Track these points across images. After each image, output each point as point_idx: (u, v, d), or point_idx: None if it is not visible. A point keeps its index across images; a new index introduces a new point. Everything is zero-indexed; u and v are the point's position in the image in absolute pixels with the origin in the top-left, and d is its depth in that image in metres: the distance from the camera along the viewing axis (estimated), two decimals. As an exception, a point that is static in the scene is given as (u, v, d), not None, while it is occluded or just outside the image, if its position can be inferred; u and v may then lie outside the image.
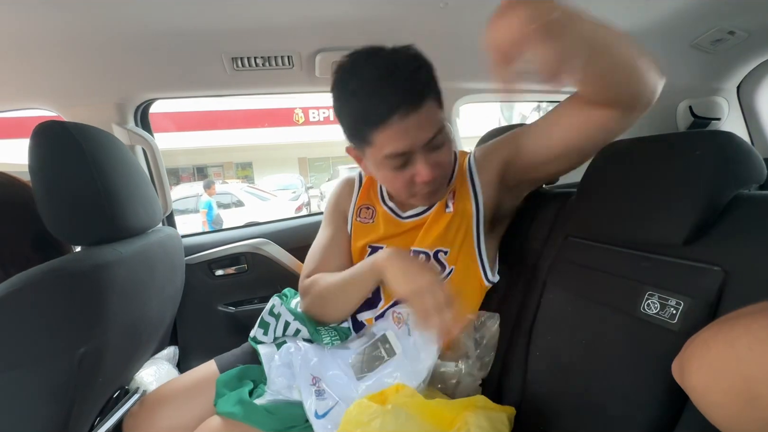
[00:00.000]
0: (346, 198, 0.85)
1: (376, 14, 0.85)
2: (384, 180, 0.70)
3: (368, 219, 0.82)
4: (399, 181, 0.66)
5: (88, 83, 0.98)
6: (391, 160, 0.63)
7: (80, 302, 0.61)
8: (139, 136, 1.11)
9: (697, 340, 0.33)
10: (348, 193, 0.85)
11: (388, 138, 0.61)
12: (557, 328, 0.61)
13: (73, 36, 0.80)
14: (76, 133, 0.65)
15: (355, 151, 0.71)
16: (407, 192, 0.68)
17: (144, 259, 0.77)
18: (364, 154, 0.68)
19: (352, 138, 0.67)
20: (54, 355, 0.59)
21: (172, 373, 0.90)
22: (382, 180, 0.72)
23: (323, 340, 0.74)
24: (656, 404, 0.45)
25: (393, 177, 0.66)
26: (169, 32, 0.83)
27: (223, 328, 1.22)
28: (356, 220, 0.82)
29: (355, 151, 0.71)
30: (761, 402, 0.27)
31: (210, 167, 12.42)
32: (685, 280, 0.46)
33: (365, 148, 0.65)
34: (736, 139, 0.48)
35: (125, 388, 0.79)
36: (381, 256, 0.68)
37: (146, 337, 0.86)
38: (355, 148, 0.69)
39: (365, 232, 0.81)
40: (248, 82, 1.06)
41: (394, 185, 0.69)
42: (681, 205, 0.47)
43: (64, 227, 0.65)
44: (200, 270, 1.21)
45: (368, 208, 0.83)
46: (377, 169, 0.68)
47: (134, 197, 0.75)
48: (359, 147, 0.67)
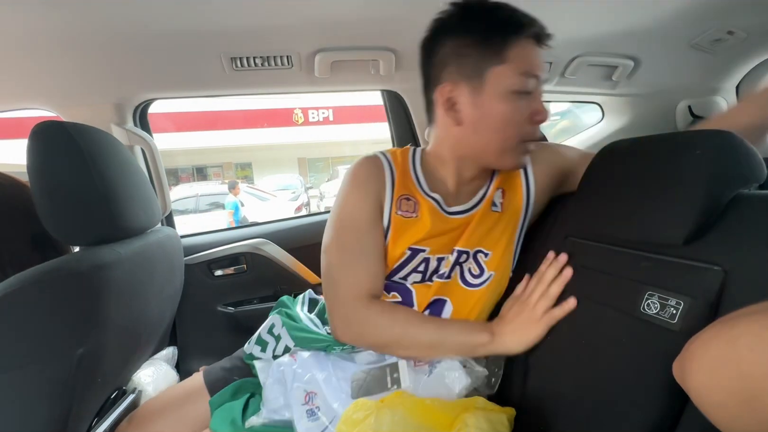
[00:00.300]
0: (377, 184, 0.68)
1: (376, 14, 0.85)
2: (498, 119, 0.60)
3: (410, 212, 0.68)
4: (517, 119, 0.59)
5: (86, 83, 0.98)
6: (520, 85, 0.58)
7: (79, 303, 0.61)
8: (138, 136, 1.10)
9: (697, 340, 0.33)
10: (378, 177, 0.68)
11: (525, 53, 0.58)
12: (557, 328, 0.60)
13: (71, 36, 0.80)
14: (74, 133, 0.65)
15: (456, 89, 0.61)
16: (516, 138, 0.61)
17: (143, 260, 0.77)
18: (481, 86, 0.59)
19: (479, 57, 0.58)
20: (52, 356, 0.59)
21: (170, 374, 0.90)
22: (496, 120, 0.60)
23: (332, 351, 0.70)
24: (657, 404, 0.45)
25: (513, 111, 0.59)
26: (167, 32, 0.83)
27: (222, 328, 1.22)
28: (396, 213, 0.68)
29: (456, 90, 0.61)
30: (762, 402, 0.27)
31: (209, 167, 12.41)
32: (686, 279, 0.46)
33: (489, 71, 0.58)
34: (736, 138, 0.48)
35: (123, 388, 0.79)
36: (495, 331, 0.63)
37: (145, 338, 0.86)
38: (467, 79, 0.60)
39: (406, 229, 0.67)
40: (247, 82, 1.06)
41: (509, 126, 0.60)
42: (681, 205, 0.47)
43: (62, 227, 0.65)
44: (199, 270, 1.21)
45: (409, 199, 0.69)
46: (495, 102, 0.59)
47: (133, 197, 0.75)
48: (476, 75, 0.59)
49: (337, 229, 0.67)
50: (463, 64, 0.60)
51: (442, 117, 0.65)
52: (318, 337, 0.70)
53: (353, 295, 0.64)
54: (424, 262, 0.68)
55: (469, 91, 0.60)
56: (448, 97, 0.62)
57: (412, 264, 0.68)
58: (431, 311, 0.68)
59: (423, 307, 0.68)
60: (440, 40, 0.62)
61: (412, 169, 0.71)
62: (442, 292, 0.68)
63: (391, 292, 0.69)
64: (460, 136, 0.64)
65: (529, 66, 0.58)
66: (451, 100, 0.62)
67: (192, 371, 0.93)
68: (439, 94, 0.63)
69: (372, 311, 0.63)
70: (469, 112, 0.61)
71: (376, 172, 0.69)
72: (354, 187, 0.68)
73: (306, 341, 0.70)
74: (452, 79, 0.61)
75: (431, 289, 0.68)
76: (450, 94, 0.62)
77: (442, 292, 0.68)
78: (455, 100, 0.62)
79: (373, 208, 0.67)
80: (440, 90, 0.62)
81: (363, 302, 0.64)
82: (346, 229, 0.67)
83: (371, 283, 0.66)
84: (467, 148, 0.65)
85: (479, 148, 0.64)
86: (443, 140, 0.68)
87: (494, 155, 0.64)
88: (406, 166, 0.71)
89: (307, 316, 0.78)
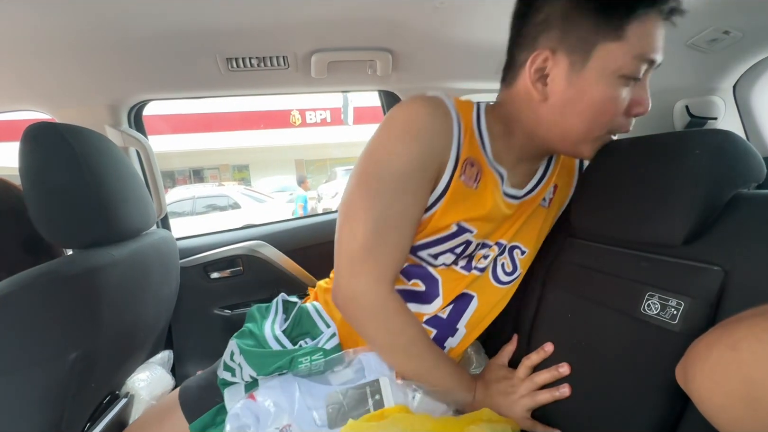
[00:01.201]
0: (443, 138, 0.55)
1: (371, 14, 0.85)
2: (593, 104, 0.52)
3: (472, 182, 0.57)
4: (614, 108, 0.52)
5: (80, 85, 0.97)
6: (631, 69, 0.50)
7: (72, 306, 0.60)
8: (132, 137, 1.10)
9: (699, 343, 0.32)
10: (446, 129, 0.55)
11: (647, 32, 0.49)
12: (557, 329, 0.60)
13: (65, 36, 0.79)
14: (67, 135, 0.64)
15: (552, 60, 0.52)
16: (605, 128, 0.54)
17: (138, 262, 0.77)
18: (584, 62, 0.50)
19: (591, 28, 0.49)
20: (45, 360, 0.58)
21: (165, 378, 0.89)
22: (590, 104, 0.52)
23: (299, 366, 0.58)
24: (658, 406, 0.45)
25: (613, 99, 0.51)
26: (162, 33, 0.82)
27: (218, 331, 1.21)
28: (460, 178, 0.56)
29: (553, 61, 0.52)
30: (764, 405, 0.27)
31: (206, 169, 12.38)
32: (686, 280, 0.46)
33: (599, 47, 0.49)
34: (735, 137, 0.48)
35: (116, 392, 0.78)
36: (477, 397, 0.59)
37: (140, 342, 0.85)
38: (570, 51, 0.51)
39: (464, 199, 0.56)
40: (243, 82, 1.06)
41: (602, 114, 0.52)
42: (680, 205, 0.47)
43: (55, 230, 0.64)
44: (195, 273, 1.20)
45: (473, 165, 0.57)
46: (595, 84, 0.51)
47: (127, 199, 0.74)
48: (581, 48, 0.50)
49: (373, 187, 0.54)
50: (569, 31, 0.50)
51: (526, 86, 0.55)
52: (281, 353, 0.60)
53: (376, 276, 0.53)
54: (465, 245, 0.60)
55: (568, 66, 0.51)
56: (541, 67, 0.53)
57: (452, 242, 0.58)
58: (455, 306, 0.62)
59: (447, 301, 0.61)
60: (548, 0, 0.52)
61: (477, 129, 0.58)
62: (472, 286, 0.63)
63: (412, 279, 0.61)
64: (541, 113, 0.55)
65: (647, 48, 0.50)
66: (543, 70, 0.53)
67: (188, 375, 0.92)
68: (530, 61, 0.53)
69: (389, 308, 0.55)
70: (561, 89, 0.52)
71: (444, 121, 0.55)
72: (410, 137, 0.53)
73: (268, 365, 0.58)
74: (551, 47, 0.52)
75: (463, 281, 0.62)
76: (544, 63, 0.52)
77: (472, 286, 0.63)
78: (548, 72, 0.53)
79: (431, 168, 0.54)
80: (534, 56, 0.52)
81: (385, 290, 0.54)
82: (387, 188, 0.53)
83: (397, 264, 0.56)
84: (544, 127, 0.56)
85: (558, 132, 0.55)
86: (519, 109, 0.58)
87: (572, 143, 0.56)
88: (470, 122, 0.58)
89: (274, 336, 0.64)
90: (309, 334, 0.65)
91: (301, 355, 0.58)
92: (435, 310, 0.62)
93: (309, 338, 0.65)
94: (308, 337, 0.65)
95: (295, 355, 0.58)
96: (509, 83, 0.59)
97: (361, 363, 0.58)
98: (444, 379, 0.57)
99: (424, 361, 0.56)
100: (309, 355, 0.58)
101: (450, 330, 0.63)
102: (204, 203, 7.52)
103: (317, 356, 0.59)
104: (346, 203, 0.56)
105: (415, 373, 0.57)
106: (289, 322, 0.67)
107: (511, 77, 0.58)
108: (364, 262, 0.53)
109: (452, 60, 1.06)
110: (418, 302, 0.62)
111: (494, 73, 1.08)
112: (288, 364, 0.58)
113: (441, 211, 0.56)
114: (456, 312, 0.63)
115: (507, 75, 0.60)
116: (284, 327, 0.65)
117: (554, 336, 0.60)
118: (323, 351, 0.60)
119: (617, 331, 0.51)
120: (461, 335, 0.64)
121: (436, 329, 0.63)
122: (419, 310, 0.62)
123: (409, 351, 0.56)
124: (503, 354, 0.65)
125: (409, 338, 0.56)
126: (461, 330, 0.64)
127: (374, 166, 0.55)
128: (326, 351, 0.60)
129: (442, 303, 0.61)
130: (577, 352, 0.56)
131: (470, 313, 0.63)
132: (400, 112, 0.55)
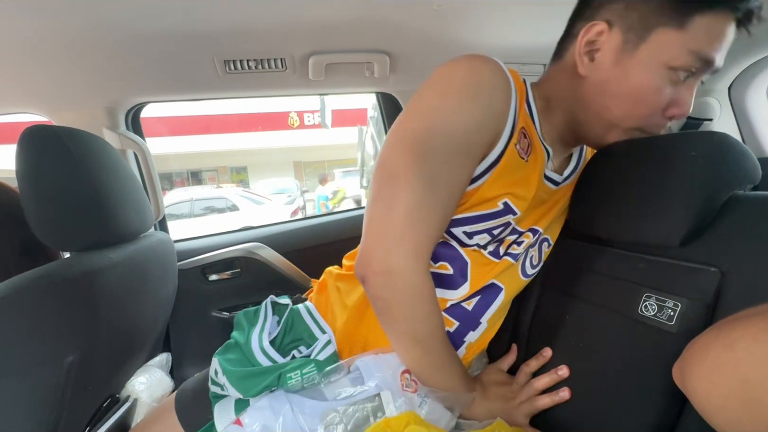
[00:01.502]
0: (502, 101, 0.50)
1: (369, 16, 0.85)
2: (635, 90, 0.50)
3: (524, 153, 0.53)
4: (654, 100, 0.50)
5: (77, 87, 0.97)
6: (683, 63, 0.48)
7: (69, 310, 0.60)
8: (130, 140, 1.09)
9: (697, 344, 0.33)
10: (505, 90, 0.51)
11: (714, 29, 0.47)
12: (555, 330, 0.60)
13: (61, 38, 0.79)
14: (64, 137, 0.64)
15: (606, 35, 0.50)
16: (640, 121, 0.52)
17: (135, 265, 0.76)
18: (638, 45, 0.49)
19: (655, 10, 0.48)
20: (41, 364, 0.58)
21: (164, 380, 0.88)
22: (631, 89, 0.50)
23: (289, 382, 0.52)
24: (655, 406, 0.45)
25: (656, 91, 0.49)
26: (159, 35, 0.82)
27: (216, 333, 1.20)
28: (515, 146, 0.52)
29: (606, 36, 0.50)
30: (761, 405, 0.27)
31: (205, 171, 12.36)
32: (683, 281, 0.46)
33: (657, 31, 0.48)
34: (731, 139, 0.48)
35: (116, 396, 0.78)
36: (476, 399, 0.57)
37: (138, 345, 0.85)
38: (627, 30, 0.49)
39: (514, 170, 0.53)
40: (241, 84, 1.06)
41: (641, 104, 0.51)
42: (677, 206, 0.47)
43: (52, 233, 0.64)
44: (193, 275, 1.20)
45: (526, 135, 0.54)
46: (641, 70, 0.49)
47: (125, 202, 0.74)
48: (639, 28, 0.48)
49: (420, 149, 0.48)
50: (632, 8, 0.49)
51: (573, 58, 0.53)
52: (268, 369, 0.54)
53: (416, 251, 0.48)
54: (504, 226, 0.55)
55: (620, 44, 0.50)
56: (593, 40, 0.51)
57: (494, 222, 0.54)
58: (482, 298, 0.58)
59: (475, 288, 0.56)
60: None
61: (526, 101, 0.55)
62: (502, 276, 0.59)
63: (439, 261, 0.57)
64: (582, 90, 0.54)
65: (707, 46, 0.47)
66: (595, 44, 0.51)
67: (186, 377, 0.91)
68: (585, 30, 0.51)
69: (424, 290, 0.49)
70: (607, 66, 0.51)
71: (506, 84, 0.50)
72: (470, 96, 0.48)
73: (253, 386, 0.52)
74: (609, 19, 0.50)
75: (493, 269, 0.58)
76: (597, 36, 0.51)
77: (502, 276, 0.59)
78: (599, 47, 0.51)
79: (488, 132, 0.50)
80: (589, 27, 0.51)
81: (422, 268, 0.49)
82: (437, 151, 0.47)
83: (437, 239, 0.51)
84: (581, 105, 0.55)
85: (593, 112, 0.54)
86: (562, 85, 0.56)
87: (604, 126, 0.54)
88: (524, 91, 0.55)
89: (262, 348, 0.57)
90: (303, 340, 0.60)
91: (291, 370, 0.52)
92: (460, 297, 0.57)
93: (303, 345, 0.59)
94: (302, 344, 0.60)
95: (284, 370, 0.52)
96: (559, 55, 0.58)
97: (359, 369, 0.53)
98: (453, 379, 0.54)
99: (440, 356, 0.53)
100: (300, 369, 0.52)
101: (473, 323, 0.59)
102: (202, 205, 7.49)
103: (309, 369, 0.52)
104: (385, 166, 0.50)
105: (427, 369, 0.53)
106: (281, 327, 0.61)
107: (563, 49, 0.57)
108: (405, 234, 0.47)
109: (450, 62, 1.06)
110: (443, 287, 0.57)
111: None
112: (276, 380, 0.52)
113: (491, 181, 0.52)
114: (482, 305, 0.59)
115: (560, 48, 0.58)
116: (275, 335, 0.60)
117: (552, 338, 0.60)
118: (316, 363, 0.53)
119: (615, 332, 0.51)
120: (482, 329, 0.60)
121: (458, 321, 0.58)
122: (443, 295, 0.57)
123: (428, 343, 0.51)
124: (502, 362, 0.65)
125: (432, 327, 0.51)
126: (483, 324, 0.60)
127: (422, 124, 0.49)
128: (320, 363, 0.53)
129: (469, 290, 0.57)
130: (575, 354, 0.56)
131: (495, 307, 0.59)
132: (457, 67, 0.50)
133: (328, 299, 0.64)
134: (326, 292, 0.65)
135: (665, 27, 0.47)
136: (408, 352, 0.53)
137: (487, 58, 0.51)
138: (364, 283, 0.51)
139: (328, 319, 0.62)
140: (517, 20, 0.90)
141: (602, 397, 0.51)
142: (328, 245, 1.30)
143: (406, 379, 0.52)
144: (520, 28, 0.93)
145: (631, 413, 0.47)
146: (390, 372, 0.52)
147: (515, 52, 1.02)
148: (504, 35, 0.95)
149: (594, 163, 0.63)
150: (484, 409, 0.57)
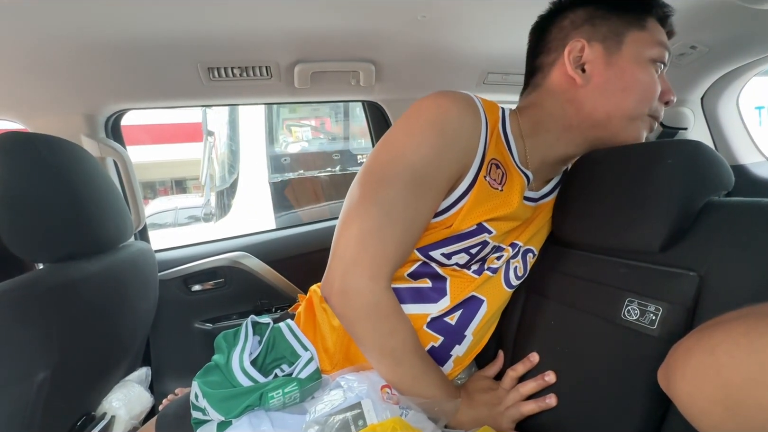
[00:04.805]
0: (470, 137, 0.54)
1: (355, 26, 0.85)
2: (635, 80, 0.57)
3: (497, 184, 0.57)
4: (653, 88, 0.57)
5: (54, 93, 0.94)
6: (658, 54, 0.57)
7: (41, 324, 0.58)
8: (109, 147, 1.07)
9: (680, 348, 0.33)
10: (474, 126, 0.54)
11: (658, 28, 0.58)
12: (540, 336, 0.60)
13: (38, 44, 0.77)
14: (39, 145, 0.62)
15: (588, 48, 0.57)
16: (647, 108, 0.58)
17: (113, 276, 0.74)
18: (619, 48, 0.57)
19: (618, 22, 0.57)
20: (11, 382, 0.55)
21: (143, 395, 0.85)
22: (631, 81, 0.57)
23: (270, 401, 0.51)
24: (640, 410, 0.45)
25: (651, 80, 0.57)
26: (140, 40, 0.81)
27: (199, 346, 1.17)
28: (485, 178, 0.55)
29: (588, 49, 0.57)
30: (743, 409, 0.27)
31: (189, 180, 12.15)
32: (663, 285, 0.47)
33: (629, 34, 0.57)
34: (705, 148, 0.50)
35: (91, 414, 0.75)
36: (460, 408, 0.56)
37: (115, 359, 0.82)
38: (603, 40, 0.57)
39: (486, 200, 0.56)
40: (225, 92, 1.05)
41: (645, 92, 0.57)
42: (656, 212, 0.48)
43: (25, 244, 0.61)
44: (175, 286, 1.17)
45: (498, 167, 0.57)
46: (633, 66, 0.56)
47: (102, 211, 0.72)
48: (613, 36, 0.57)
49: (379, 179, 0.52)
50: (598, 26, 0.58)
51: (561, 79, 0.59)
52: (249, 390, 0.53)
53: (371, 273, 0.51)
54: (482, 245, 0.58)
55: (604, 51, 0.57)
56: (577, 56, 0.58)
57: (469, 241, 0.57)
58: (464, 311, 0.60)
59: (455, 301, 0.59)
60: (571, 9, 0.60)
61: (503, 130, 0.59)
62: (482, 289, 0.61)
63: (419, 278, 0.59)
64: (582, 99, 0.58)
65: (663, 38, 0.58)
66: (579, 59, 0.58)
67: (167, 392, 0.89)
68: (567, 51, 0.58)
69: (382, 308, 0.52)
70: (602, 70, 0.57)
71: (473, 121, 0.54)
72: (434, 132, 0.52)
73: (234, 407, 0.52)
74: (584, 38, 0.58)
75: (472, 283, 0.60)
76: (581, 52, 0.58)
77: (482, 289, 0.61)
78: (584, 60, 0.58)
79: (451, 168, 0.53)
80: (570, 46, 0.58)
81: (379, 288, 0.52)
82: (395, 181, 0.51)
83: (396, 262, 0.54)
84: (586, 112, 0.58)
85: (604, 112, 0.58)
86: (552, 105, 0.60)
87: (622, 121, 0.58)
88: (496, 123, 0.58)
89: (242, 369, 0.56)
90: (285, 358, 0.60)
91: (273, 389, 0.51)
92: (440, 310, 0.58)
93: (286, 364, 0.59)
94: (285, 362, 0.59)
95: (266, 389, 0.51)
96: (536, 85, 0.63)
97: (340, 385, 0.53)
98: (432, 388, 0.55)
99: (413, 367, 0.54)
100: (282, 388, 0.51)
101: (458, 337, 0.61)
102: (186, 214, 7.35)
103: (291, 388, 0.52)
104: (350, 195, 0.55)
105: (403, 381, 0.54)
106: (262, 347, 0.60)
107: (538, 79, 0.63)
108: (360, 256, 0.51)
109: (435, 71, 1.07)
110: (423, 301, 0.58)
111: (476, 85, 1.11)
112: (258, 400, 0.51)
113: (465, 211, 0.55)
114: (465, 317, 0.60)
115: (531, 81, 0.64)
116: (256, 354, 0.59)
117: (538, 343, 0.60)
118: (298, 381, 0.53)
119: (599, 337, 0.52)
120: (468, 342, 0.62)
121: (443, 336, 0.60)
122: (424, 309, 0.58)
123: (398, 355, 0.53)
124: (489, 369, 0.65)
125: (400, 341, 0.53)
126: (468, 337, 0.61)
127: (386, 156, 0.54)
128: (302, 381, 0.53)
129: (450, 303, 0.59)
130: (561, 359, 0.56)
131: (479, 319, 0.61)
132: (427, 105, 0.54)
133: (316, 319, 0.64)
134: (313, 311, 0.65)
135: (633, 29, 0.57)
136: (380, 365, 0.55)
137: (457, 96, 0.55)
138: (328, 302, 0.55)
139: (318, 339, 0.62)
140: (500, 30, 0.92)
141: (587, 400, 0.51)
142: (314, 253, 1.28)
143: (387, 392, 0.53)
144: (504, 38, 0.95)
145: (617, 416, 0.47)
146: (371, 385, 0.52)
147: (499, 61, 1.04)
148: (488, 44, 0.96)
149: (576, 171, 0.65)
150: (469, 417, 0.57)
